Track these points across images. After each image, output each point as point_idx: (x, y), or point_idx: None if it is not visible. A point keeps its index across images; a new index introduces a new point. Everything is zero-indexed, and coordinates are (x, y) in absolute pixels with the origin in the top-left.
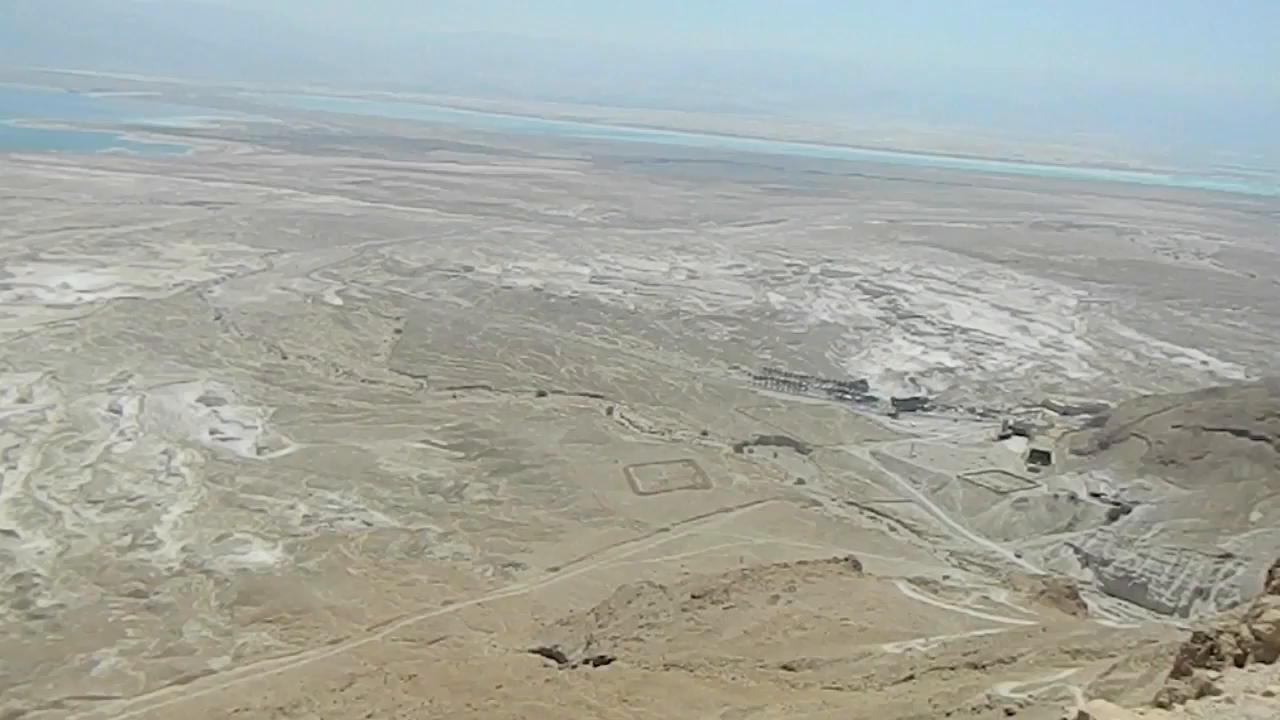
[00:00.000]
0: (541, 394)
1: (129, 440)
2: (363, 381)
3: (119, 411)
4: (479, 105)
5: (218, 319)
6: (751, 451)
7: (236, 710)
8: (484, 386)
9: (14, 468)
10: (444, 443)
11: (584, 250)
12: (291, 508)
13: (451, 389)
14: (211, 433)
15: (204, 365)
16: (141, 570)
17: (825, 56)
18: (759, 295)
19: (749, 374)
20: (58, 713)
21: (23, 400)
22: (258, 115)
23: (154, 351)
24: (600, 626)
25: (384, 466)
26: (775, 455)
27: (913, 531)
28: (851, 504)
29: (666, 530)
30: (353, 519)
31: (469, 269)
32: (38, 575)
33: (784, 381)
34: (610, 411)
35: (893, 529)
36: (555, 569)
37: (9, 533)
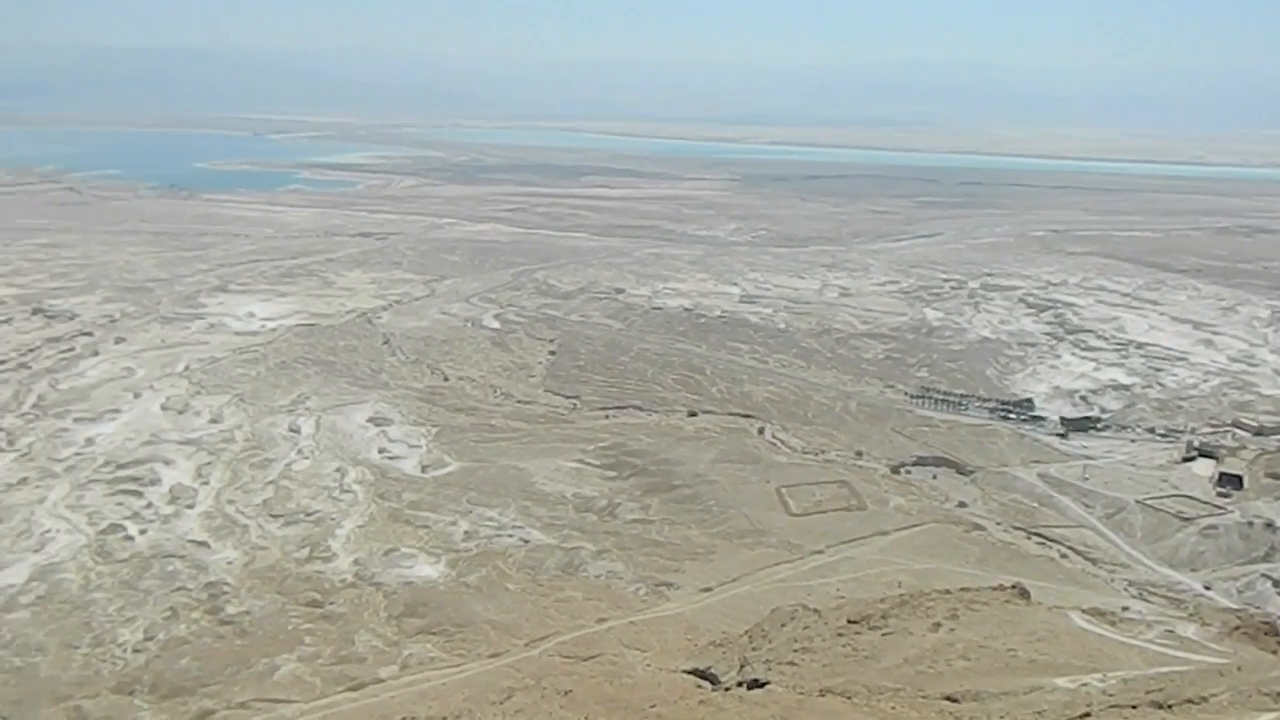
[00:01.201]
0: (692, 414)
1: (306, 459)
2: (519, 402)
3: (297, 431)
4: (626, 130)
5: (385, 343)
6: (909, 473)
7: (404, 718)
8: (635, 407)
9: (206, 483)
10: (597, 462)
11: (733, 270)
12: (453, 524)
13: (604, 409)
14: (380, 451)
15: (373, 387)
16: (318, 581)
17: (977, 64)
18: (915, 312)
19: (905, 393)
20: (244, 714)
21: (214, 421)
22: (420, 150)
23: (328, 375)
24: (754, 649)
25: (539, 485)
26: (934, 477)
27: (1086, 559)
28: (1018, 529)
29: (820, 553)
30: (510, 536)
31: (620, 291)
32: (227, 584)
33: (943, 400)
34: (762, 431)
35: (1064, 556)
36: (708, 589)
37: (202, 544)
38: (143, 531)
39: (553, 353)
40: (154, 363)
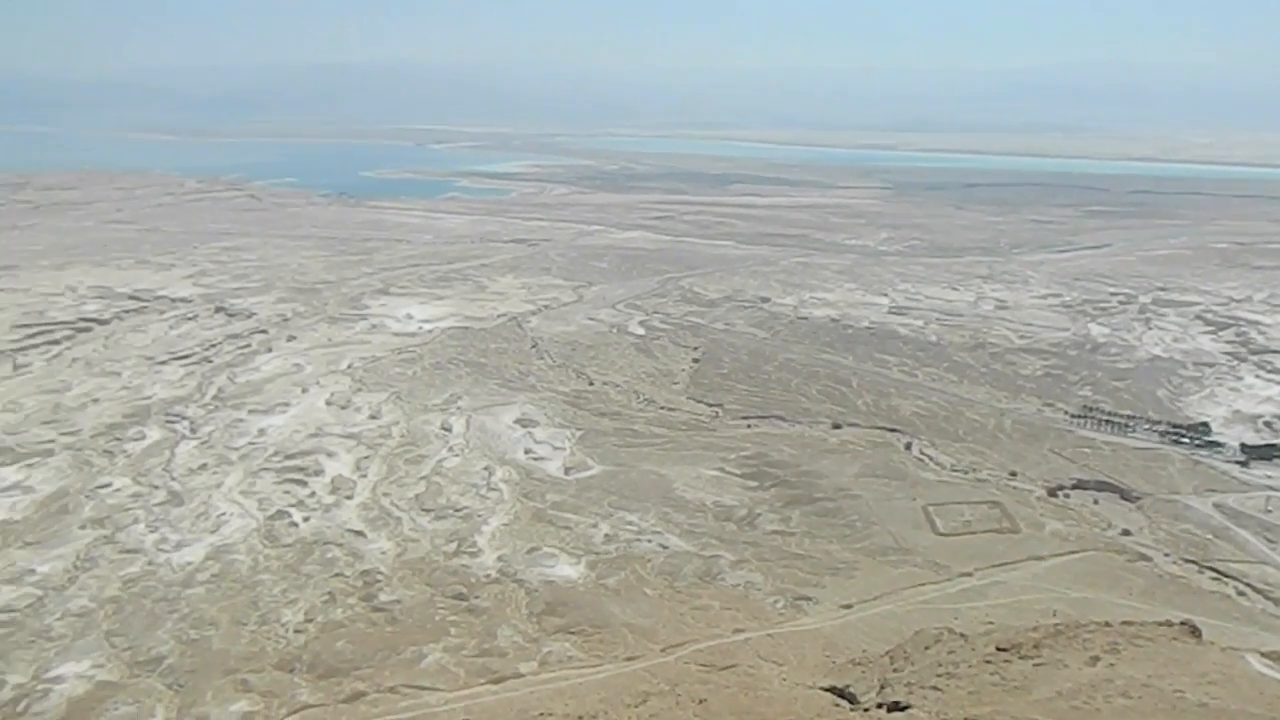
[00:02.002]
0: (837, 426)
1: (457, 456)
2: (662, 408)
3: (449, 430)
4: (778, 138)
5: (533, 347)
6: (1068, 496)
7: (541, 715)
8: (778, 417)
9: (365, 476)
10: (738, 471)
11: (883, 280)
12: (594, 526)
13: (746, 418)
14: (526, 452)
15: (521, 389)
16: (464, 575)
17: (1154, 65)
18: (1078, 327)
19: (1065, 412)
20: (392, 698)
21: (373, 417)
22: (572, 158)
23: (479, 376)
24: (895, 670)
25: (680, 492)
26: (1095, 502)
27: (1267, 598)
28: (1189, 561)
29: (969, 575)
30: (649, 541)
31: (766, 300)
32: (380, 573)
33: (1106, 421)
34: (909, 447)
35: (1241, 593)
36: (848, 606)
37: (359, 533)
38: (306, 519)
39: (696, 360)
40: (321, 360)
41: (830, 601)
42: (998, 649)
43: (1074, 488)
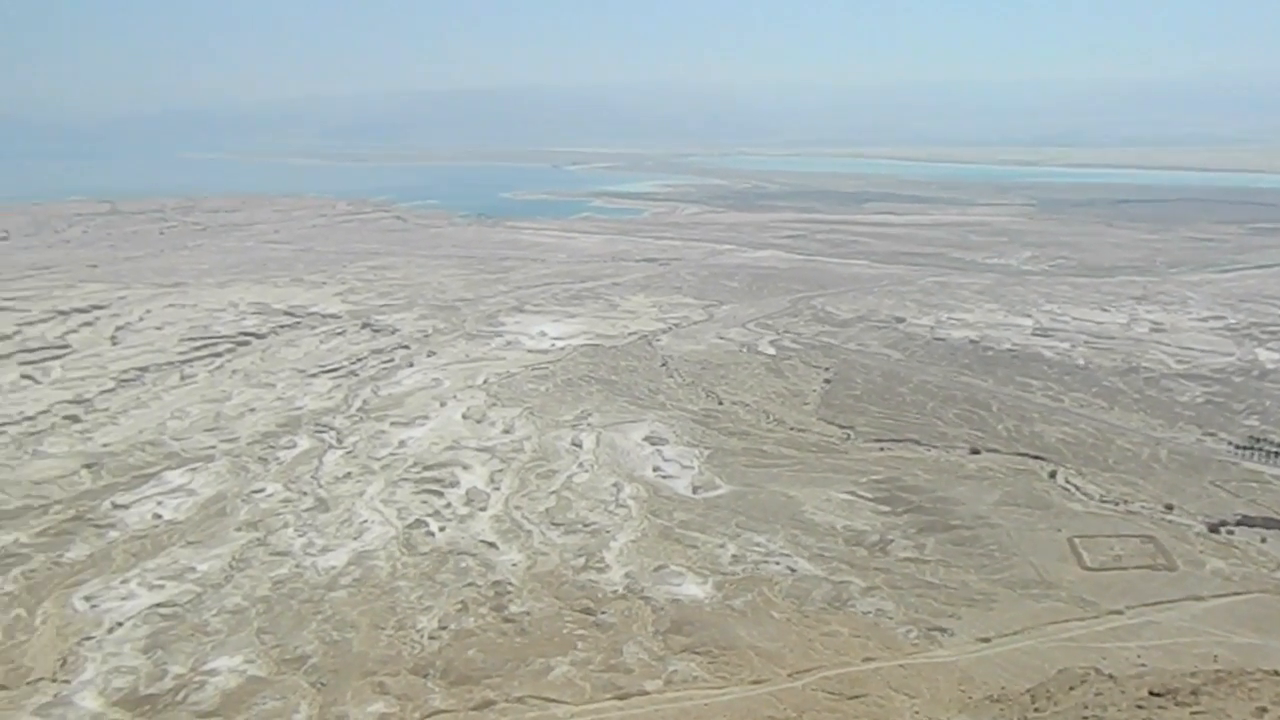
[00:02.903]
0: (975, 451)
1: (586, 472)
2: (791, 429)
3: (579, 446)
4: (915, 155)
5: (663, 365)
6: (1231, 533)
7: None
8: (912, 440)
9: (498, 489)
10: (869, 495)
11: (1026, 300)
12: (721, 546)
13: (879, 441)
14: (654, 470)
15: (650, 407)
16: (591, 590)
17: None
18: (1243, 351)
19: (1229, 442)
20: (520, 708)
21: (506, 431)
22: (704, 178)
23: (610, 393)
24: (1036, 710)
25: (809, 514)
26: (1263, 540)
27: None
28: None
29: (1119, 613)
30: (777, 563)
31: (900, 320)
32: (510, 584)
33: (1276, 453)
34: (1053, 475)
35: None
36: (986, 640)
37: (491, 544)
38: (442, 529)
39: (828, 381)
40: (458, 375)
41: (966, 634)
42: (1151, 694)
43: (1239, 524)
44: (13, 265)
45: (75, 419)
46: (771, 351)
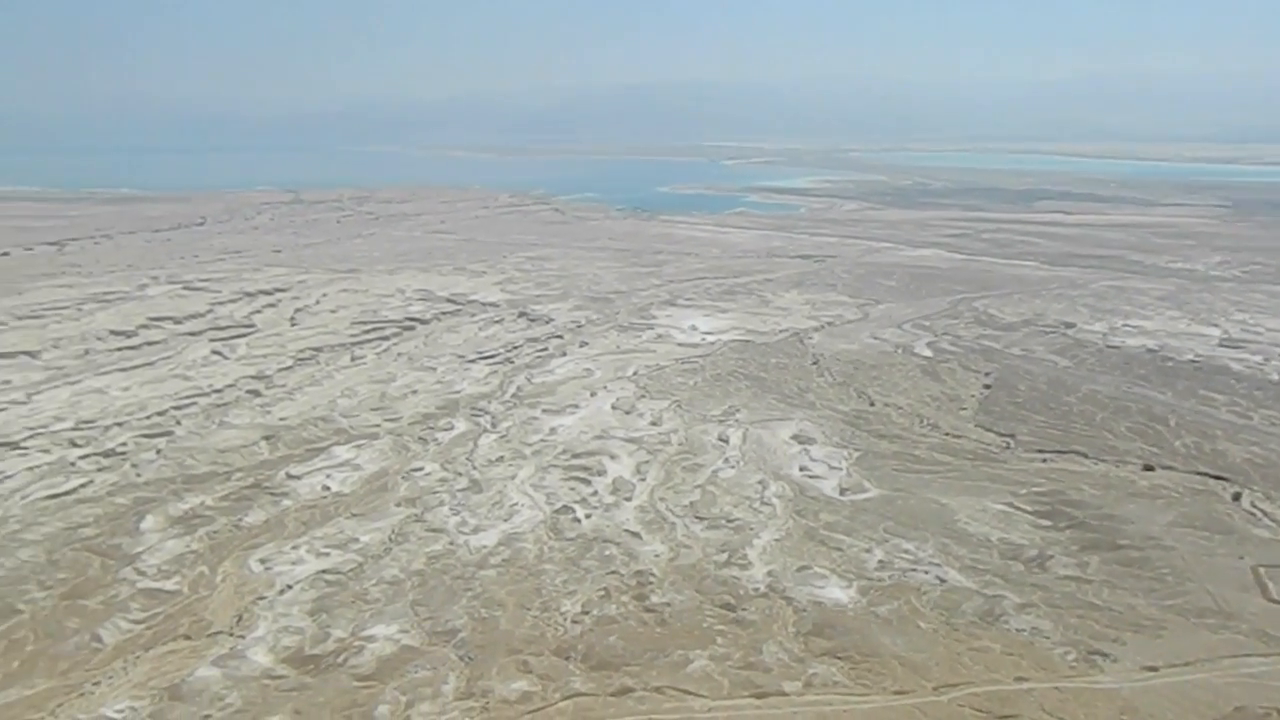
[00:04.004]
0: (1148, 468)
1: (732, 468)
2: (946, 434)
3: (726, 441)
4: (1092, 151)
5: (814, 364)
6: None
7: None
8: (1078, 453)
9: (644, 480)
10: (1029, 508)
11: (1213, 309)
12: (867, 551)
13: (1041, 452)
14: (801, 469)
15: (799, 406)
16: (732, 586)
17: None
18: None
19: None
20: (657, 698)
21: (654, 424)
22: (864, 174)
23: (758, 390)
24: None
25: (962, 524)
26: None
27: None
28: None
29: None
30: (926, 572)
31: (1070, 325)
32: (653, 575)
33: None
34: (1237, 498)
35: None
36: (1152, 668)
37: (635, 534)
38: (588, 516)
39: (988, 386)
40: (609, 366)
41: (1131, 661)
42: None
43: None
44: (209, 248)
45: (257, 393)
46: (928, 353)
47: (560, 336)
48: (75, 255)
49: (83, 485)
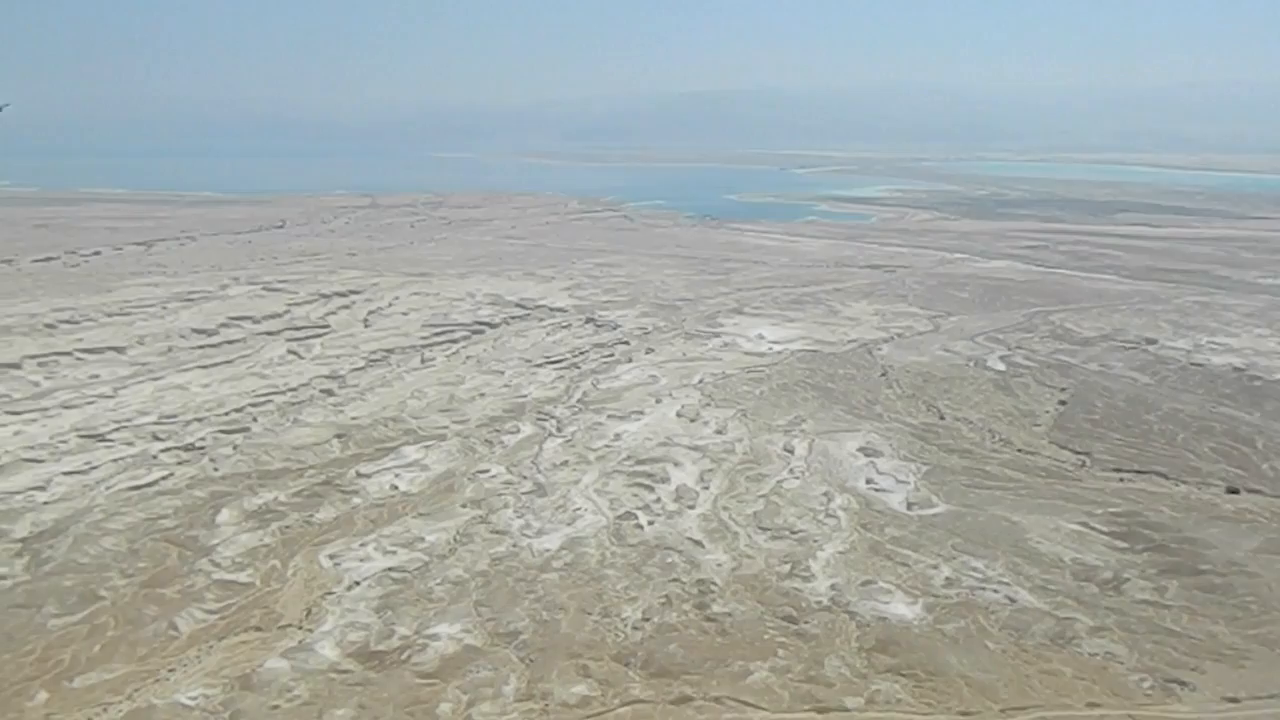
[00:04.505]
0: (1233, 491)
1: (796, 479)
2: (1018, 451)
3: (791, 451)
4: (1181, 162)
5: (883, 375)
6: None
7: None
8: (1158, 473)
9: (707, 488)
10: (1104, 529)
11: None
12: (934, 567)
13: (1118, 471)
14: (867, 482)
15: (866, 418)
16: (795, 598)
17: None
18: None
19: None
20: (717, 708)
21: (719, 432)
22: (937, 183)
23: (825, 401)
24: None
25: (1033, 543)
26: None
27: None
28: None
29: None
30: (995, 592)
31: (1151, 341)
32: (714, 584)
33: None
34: None
35: None
36: (1234, 700)
37: (698, 543)
38: (650, 523)
39: (1063, 402)
40: (674, 373)
41: (1210, 690)
42: None
43: None
44: (287, 251)
45: (330, 393)
46: (1001, 367)
47: (626, 343)
48: (161, 255)
49: (163, 478)
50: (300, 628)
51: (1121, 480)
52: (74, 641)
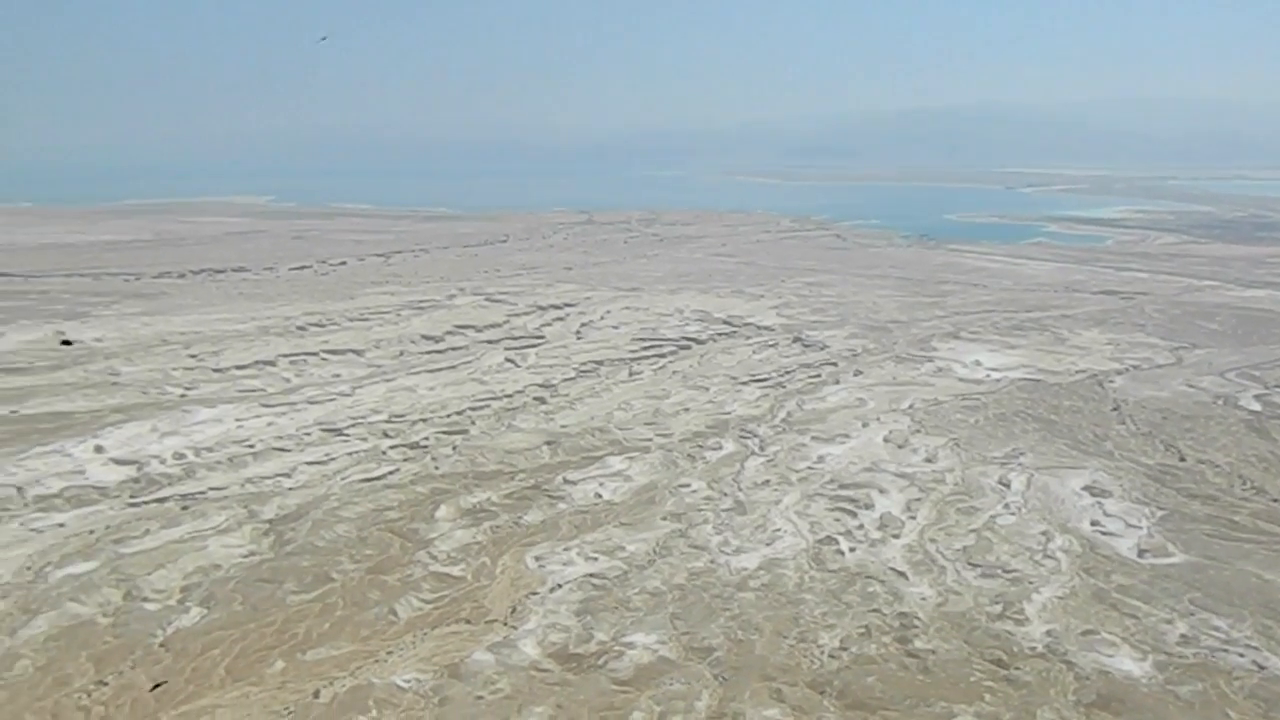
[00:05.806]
0: None
1: (1012, 514)
2: (1273, 500)
3: (1007, 486)
4: None
5: (1115, 410)
6: None
7: None
8: None
9: (913, 518)
10: None
11: None
12: (1168, 622)
13: None
14: (1092, 524)
15: (1094, 455)
16: (1006, 641)
17: None
18: None
19: None
20: None
21: (928, 460)
22: (1185, 204)
23: (1047, 434)
24: None
25: None
26: None
27: None
28: None
29: None
30: (1241, 655)
31: None
32: (918, 619)
33: None
34: None
35: None
36: None
37: (901, 574)
38: (852, 549)
39: None
40: (883, 397)
41: None
42: None
43: None
44: (509, 264)
45: (542, 401)
46: (1256, 407)
47: (834, 364)
48: (398, 266)
49: (391, 472)
50: (505, 624)
51: None
52: (308, 618)
